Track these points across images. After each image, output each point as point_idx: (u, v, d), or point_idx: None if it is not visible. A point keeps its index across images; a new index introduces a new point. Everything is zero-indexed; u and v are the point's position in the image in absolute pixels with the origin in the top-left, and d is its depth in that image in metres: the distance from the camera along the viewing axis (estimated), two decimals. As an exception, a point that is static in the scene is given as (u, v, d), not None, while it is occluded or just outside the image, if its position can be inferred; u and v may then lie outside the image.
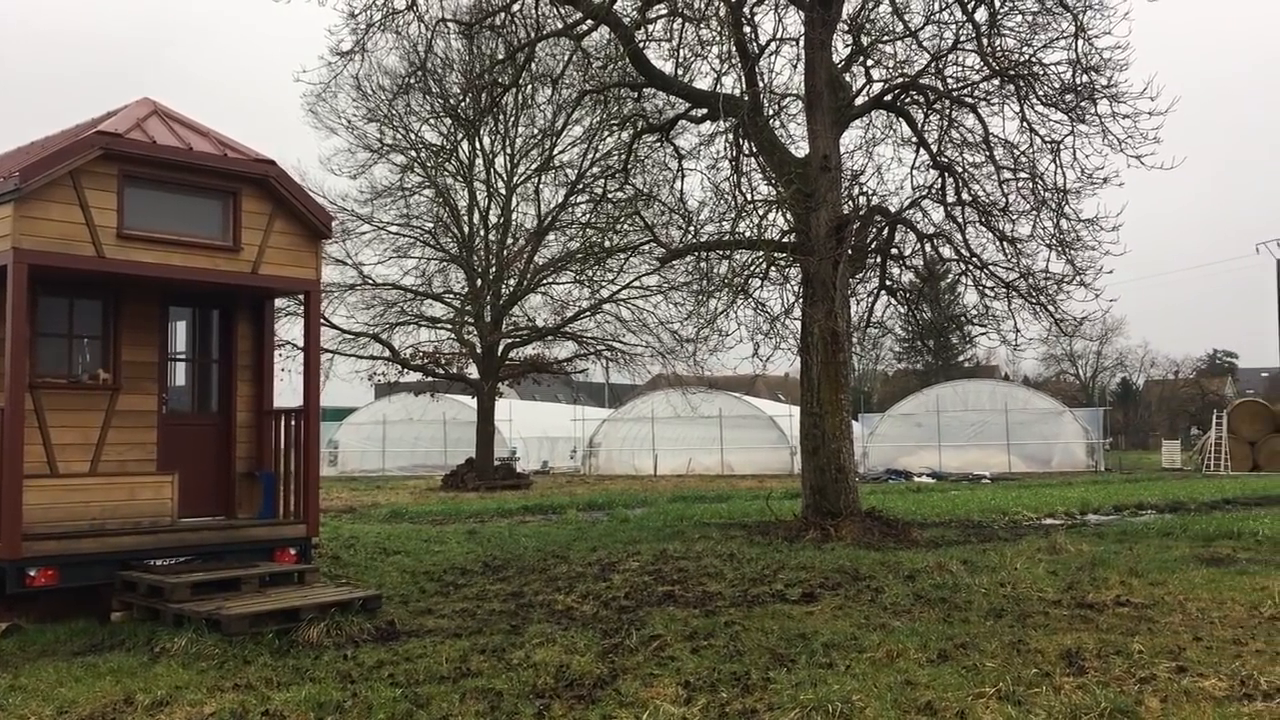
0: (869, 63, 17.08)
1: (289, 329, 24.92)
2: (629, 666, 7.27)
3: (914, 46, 16.75)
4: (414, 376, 34.27)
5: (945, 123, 16.76)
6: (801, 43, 16.12)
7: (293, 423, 11.01)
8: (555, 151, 30.45)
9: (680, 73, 16.07)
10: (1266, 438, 43.78)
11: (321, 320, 27.97)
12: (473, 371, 32.14)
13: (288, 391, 17.24)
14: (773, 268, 16.09)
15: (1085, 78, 15.20)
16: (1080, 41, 15.08)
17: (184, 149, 9.85)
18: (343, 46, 15.91)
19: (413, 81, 20.91)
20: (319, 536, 11.53)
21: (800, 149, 16.55)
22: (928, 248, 17.29)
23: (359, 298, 30.57)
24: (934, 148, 16.87)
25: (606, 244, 26.61)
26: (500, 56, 17.81)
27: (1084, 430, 44.54)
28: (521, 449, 45.10)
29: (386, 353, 31.04)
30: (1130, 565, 11.55)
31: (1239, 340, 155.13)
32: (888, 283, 17.61)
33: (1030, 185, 16.18)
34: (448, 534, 16.31)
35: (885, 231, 17.07)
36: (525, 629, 8.63)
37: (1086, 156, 15.70)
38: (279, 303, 18.21)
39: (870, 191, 17.50)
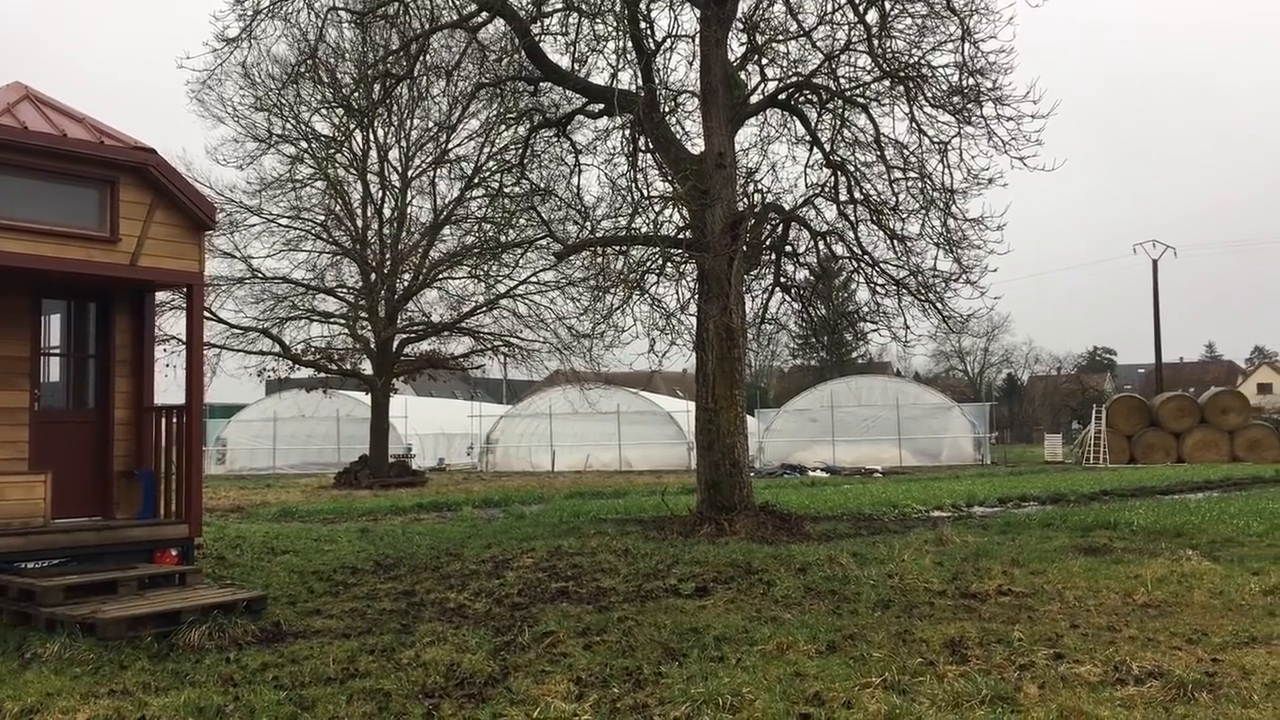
0: (764, 61, 17.27)
1: (173, 323, 24.16)
2: (521, 664, 7.21)
3: (807, 46, 16.97)
4: (306, 372, 33.53)
5: (838, 122, 17.04)
6: (697, 40, 16.21)
7: (174, 419, 10.66)
8: (451, 145, 30.09)
9: (576, 67, 16.02)
10: (1142, 432, 45.56)
11: (207, 314, 27.27)
12: (366, 367, 31.61)
13: (173, 388, 16.69)
14: (668, 264, 16.15)
15: (971, 80, 15.60)
16: (967, 45, 15.47)
17: (57, 135, 9.45)
18: (229, 33, 15.46)
19: (303, 71, 20.37)
20: (202, 537, 11.18)
21: (696, 146, 16.65)
22: (821, 245, 17.57)
23: (248, 291, 29.80)
24: (827, 146, 17.14)
25: (503, 239, 26.38)
26: (394, 47, 17.51)
27: (971, 425, 45.76)
28: (417, 446, 44.54)
29: (277, 348, 30.32)
30: (1012, 556, 11.89)
31: (1118, 338, 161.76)
32: (782, 279, 17.84)
33: (919, 184, 16.56)
34: (339, 533, 16.01)
35: (779, 229, 17.29)
36: (416, 628, 8.51)
37: (973, 157, 16.14)
38: (163, 296, 17.66)
39: (765, 189, 17.75)
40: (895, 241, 16.99)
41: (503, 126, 25.62)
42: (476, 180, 29.56)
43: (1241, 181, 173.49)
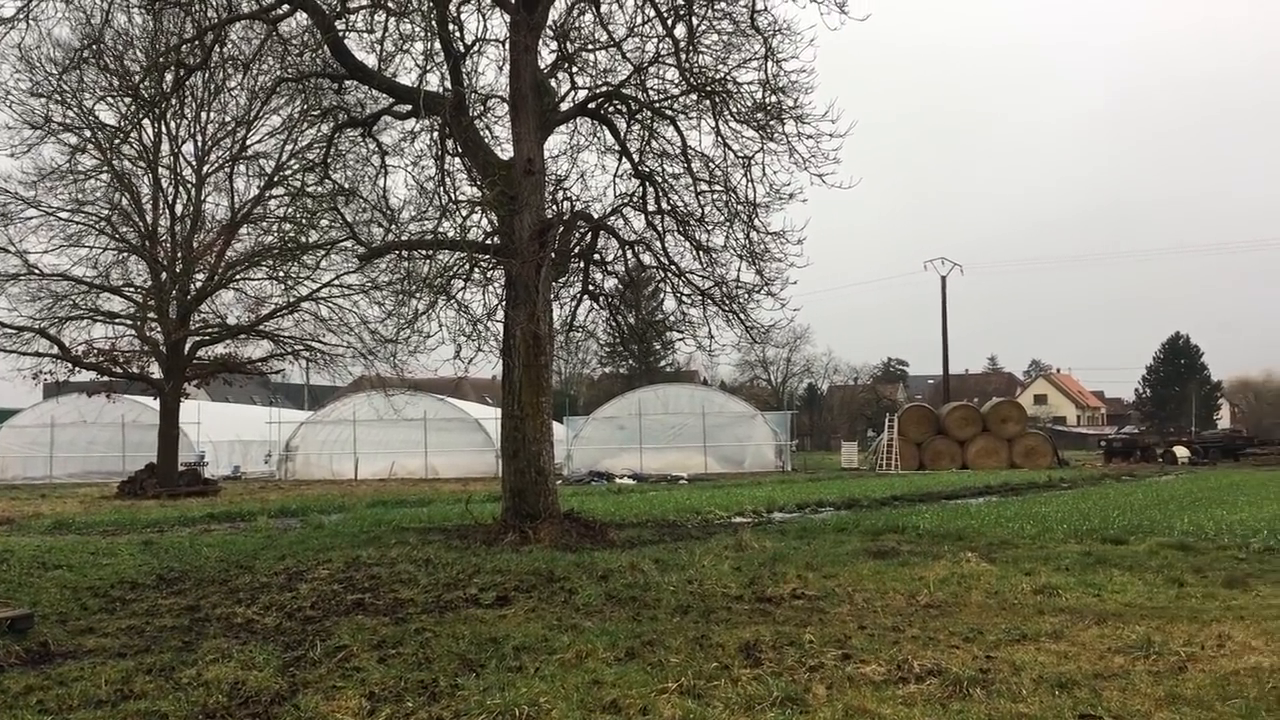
0: (574, 69, 17.32)
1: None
2: (311, 680, 6.95)
3: (617, 57, 17.11)
4: (88, 375, 31.59)
5: (646, 133, 17.27)
6: (507, 45, 16.10)
7: (-69, 425, 9.82)
8: (250, 141, 28.97)
9: (383, 66, 15.63)
10: (931, 439, 47.97)
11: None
12: (155, 371, 30.05)
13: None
14: (476, 269, 15.97)
15: (774, 98, 16.03)
16: (770, 63, 15.89)
17: None
18: (4, 13, 14.41)
19: (87, 56, 19.15)
20: (-38, 552, 10.36)
21: (505, 151, 16.54)
22: (629, 254, 17.73)
23: (23, 289, 27.89)
24: (636, 157, 17.34)
25: (304, 240, 25.53)
26: (188, 35, 16.68)
27: (774, 433, 47.14)
28: (211, 453, 42.65)
29: (55, 349, 28.45)
30: (807, 560, 12.26)
31: (910, 349, 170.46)
32: (590, 287, 17.91)
33: (724, 197, 16.93)
34: (120, 545, 15.11)
35: (588, 237, 17.35)
36: (199, 645, 8.08)
37: (775, 173, 16.60)
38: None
39: (574, 197, 17.78)
40: (701, 252, 17.31)
41: (305, 124, 24.91)
42: (277, 178, 28.56)
43: (1026, 208, 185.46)
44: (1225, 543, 13.64)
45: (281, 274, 28.88)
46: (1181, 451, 50.25)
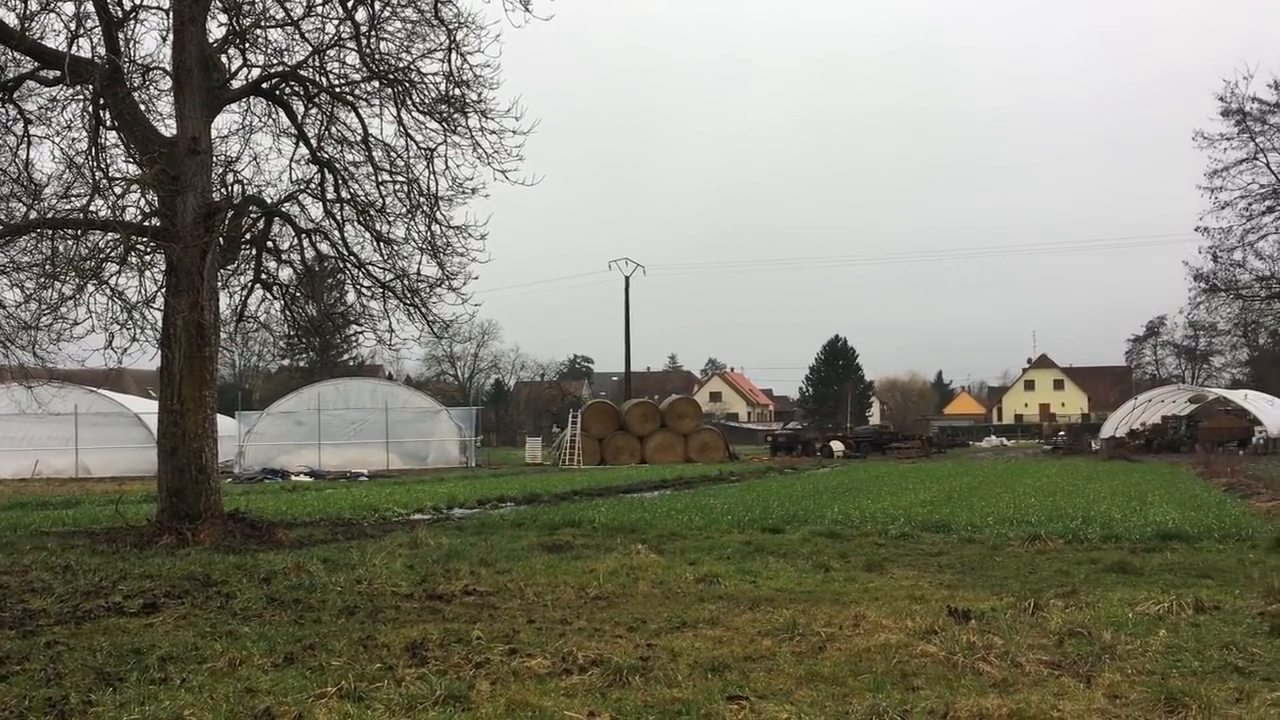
0: (246, 46, 16.44)
1: None
2: (-91, 707, 6.18)
3: (295, 36, 16.42)
4: None
5: (325, 118, 16.72)
6: (170, 15, 15.05)
7: None
8: None
9: (25, 26, 14.22)
10: (612, 435, 49.36)
11: None
12: None
13: None
14: (132, 252, 14.88)
15: (458, 91, 15.94)
16: (454, 55, 15.78)
17: None
18: None
19: None
20: None
21: (169, 128, 15.49)
22: (306, 243, 17.06)
23: None
24: (314, 142, 16.77)
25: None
26: None
27: (459, 428, 46.91)
28: None
29: None
30: (482, 556, 12.25)
31: (596, 347, 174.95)
32: (264, 276, 17.10)
33: (406, 189, 16.64)
34: None
35: (261, 223, 16.56)
36: None
37: (458, 166, 16.54)
38: None
39: (246, 180, 16.94)
40: (382, 244, 16.97)
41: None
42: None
43: (711, 213, 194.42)
44: (868, 530, 14.84)
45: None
46: (838, 446, 54.39)
